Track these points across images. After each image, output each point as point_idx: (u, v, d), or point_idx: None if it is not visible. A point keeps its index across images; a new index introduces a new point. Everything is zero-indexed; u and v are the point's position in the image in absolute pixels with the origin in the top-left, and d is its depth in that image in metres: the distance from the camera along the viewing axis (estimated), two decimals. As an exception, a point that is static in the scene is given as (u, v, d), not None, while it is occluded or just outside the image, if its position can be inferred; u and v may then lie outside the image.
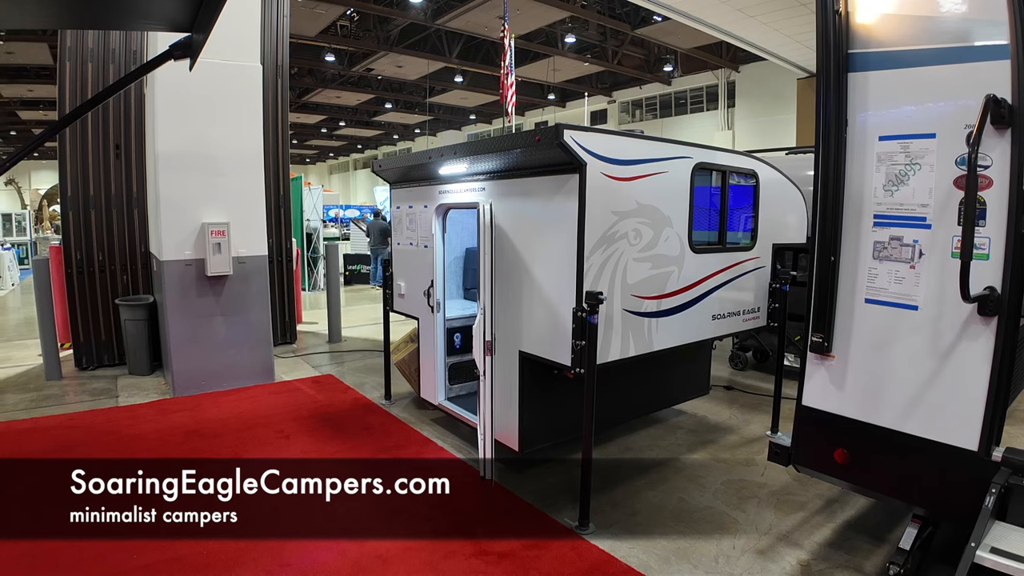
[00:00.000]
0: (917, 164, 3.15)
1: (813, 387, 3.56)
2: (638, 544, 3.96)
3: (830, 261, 3.39)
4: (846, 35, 3.33)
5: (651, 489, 4.73)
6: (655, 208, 4.35)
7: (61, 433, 5.83)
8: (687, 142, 4.69)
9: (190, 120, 6.73)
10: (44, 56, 21.06)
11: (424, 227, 5.67)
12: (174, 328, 6.89)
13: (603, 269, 4.06)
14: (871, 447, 3.38)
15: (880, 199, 3.28)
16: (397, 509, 4.34)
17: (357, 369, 8.28)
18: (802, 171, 6.32)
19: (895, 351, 3.27)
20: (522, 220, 4.48)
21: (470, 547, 3.86)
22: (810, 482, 4.79)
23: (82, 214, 7.99)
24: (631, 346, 4.35)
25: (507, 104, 15.58)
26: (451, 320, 5.88)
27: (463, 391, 6.04)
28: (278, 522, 4.17)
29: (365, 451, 5.38)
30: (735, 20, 15.05)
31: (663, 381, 5.75)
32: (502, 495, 4.58)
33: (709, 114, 26.44)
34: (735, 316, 5.25)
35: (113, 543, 3.91)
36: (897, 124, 3.23)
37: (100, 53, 7.88)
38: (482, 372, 4.28)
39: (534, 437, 4.77)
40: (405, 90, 30.16)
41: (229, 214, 6.98)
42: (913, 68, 3.17)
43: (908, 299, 3.20)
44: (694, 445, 5.60)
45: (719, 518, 4.32)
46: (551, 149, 3.89)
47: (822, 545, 4.01)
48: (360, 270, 18.00)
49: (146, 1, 3.72)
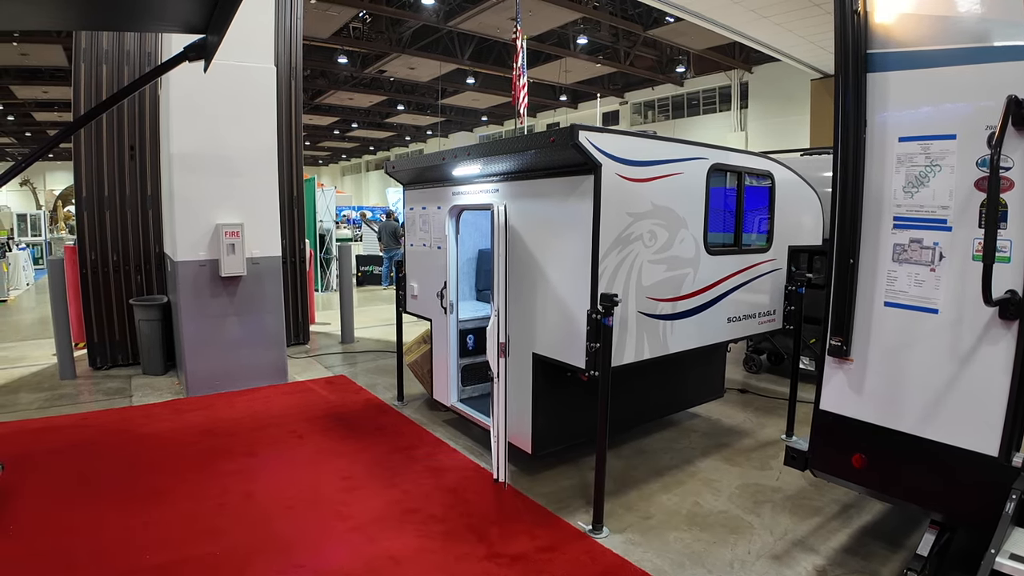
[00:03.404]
0: (937, 165, 3.12)
1: (831, 391, 3.52)
2: (652, 548, 3.93)
3: (849, 264, 3.36)
4: (865, 35, 3.30)
5: (665, 492, 4.70)
6: (670, 209, 4.32)
7: (75, 432, 5.87)
8: (702, 143, 4.66)
9: (204, 121, 6.77)
10: (59, 58, 21.24)
11: (438, 228, 5.66)
12: (188, 328, 6.91)
13: (618, 271, 4.04)
14: (889, 452, 3.34)
15: (900, 201, 3.24)
16: (409, 510, 4.33)
17: (369, 370, 8.29)
18: (817, 172, 6.30)
19: (914, 355, 3.23)
20: (536, 221, 4.47)
21: (483, 549, 3.84)
22: (826, 487, 4.75)
23: (97, 214, 8.05)
24: (645, 349, 4.32)
25: (519, 105, 15.55)
26: (464, 321, 5.87)
27: (475, 392, 6.02)
28: (291, 521, 4.17)
29: (378, 452, 5.37)
30: (749, 21, 14.96)
31: (678, 384, 5.72)
32: (515, 497, 4.56)
33: (722, 115, 26.33)
34: (751, 319, 5.21)
35: (123, 542, 3.93)
36: (917, 125, 3.19)
37: (115, 55, 7.94)
38: (496, 374, 4.26)
39: (547, 439, 4.75)
40: (417, 92, 30.22)
41: (243, 215, 7.01)
42: (933, 68, 3.14)
43: (928, 302, 3.17)
44: (708, 448, 5.56)
45: (734, 522, 4.28)
46: (566, 150, 3.88)
47: (838, 551, 3.96)
48: (373, 271, 18.03)
49: (161, 3, 3.74)
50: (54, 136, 4.65)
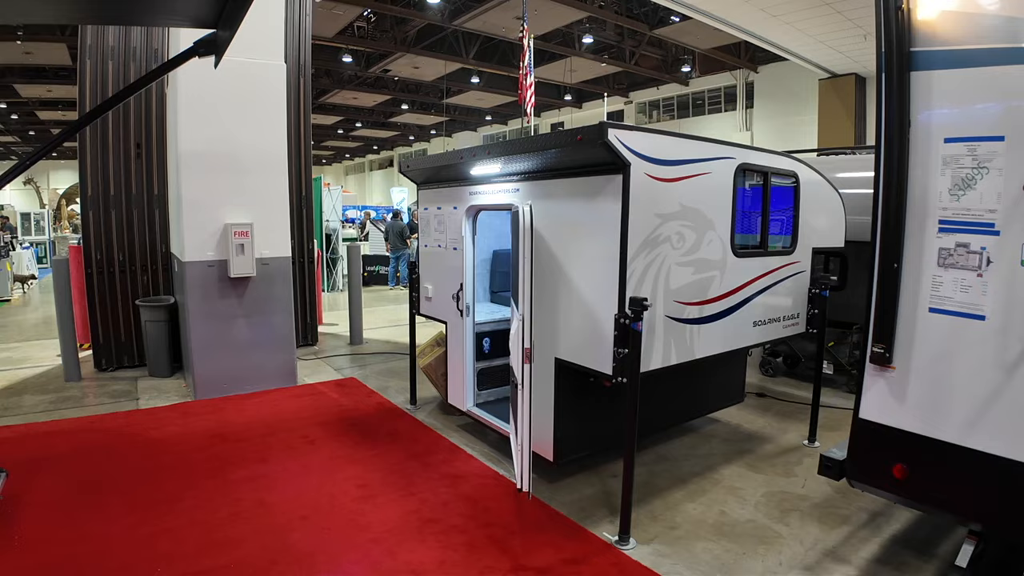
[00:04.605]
0: (985, 167, 2.99)
1: (871, 399, 3.39)
2: (681, 560, 3.81)
3: (893, 268, 3.23)
4: (908, 32, 3.17)
5: (690, 501, 4.58)
6: (698, 210, 4.19)
7: (82, 436, 5.75)
8: (730, 142, 4.53)
9: (214, 119, 6.65)
10: (62, 56, 21.15)
11: (453, 229, 5.54)
12: (196, 330, 6.79)
13: (646, 274, 3.91)
14: (932, 462, 3.22)
15: (945, 204, 3.11)
16: (429, 519, 4.21)
17: (380, 372, 8.17)
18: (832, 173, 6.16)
19: (960, 363, 3.11)
20: (559, 222, 4.34)
21: (507, 562, 3.71)
22: (852, 494, 4.64)
23: (102, 214, 7.94)
24: (672, 354, 4.19)
25: (526, 104, 15.45)
26: (480, 324, 5.75)
27: (491, 397, 5.90)
28: (307, 532, 4.05)
29: (393, 458, 5.25)
30: (759, 20, 14.84)
31: (699, 389, 5.60)
32: (536, 506, 4.43)
33: (727, 115, 26.20)
34: (775, 322, 5.08)
35: (134, 553, 3.81)
36: (963, 126, 3.07)
37: (121, 51, 7.83)
38: (520, 381, 4.12)
39: (569, 447, 4.63)
40: (421, 91, 30.11)
41: (253, 215, 6.89)
42: (980, 68, 3.01)
43: (974, 308, 3.04)
44: (730, 455, 5.43)
45: (762, 532, 4.16)
46: (593, 149, 3.75)
47: (870, 561, 3.85)
48: (379, 271, 17.91)
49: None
50: (60, 134, 4.54)
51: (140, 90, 7.43)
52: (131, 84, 5.13)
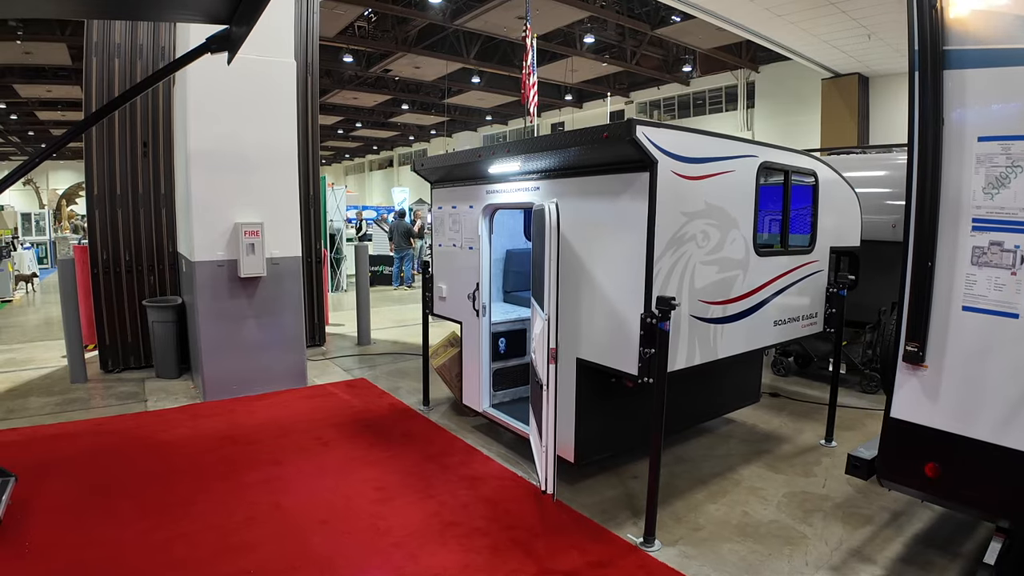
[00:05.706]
0: (1019, 166, 2.96)
1: (903, 398, 3.35)
2: (707, 561, 3.77)
3: (927, 267, 3.19)
4: (942, 31, 3.14)
5: (712, 502, 4.54)
6: (722, 209, 4.14)
7: (90, 439, 5.67)
8: (753, 140, 4.50)
9: (223, 117, 6.59)
10: (63, 56, 21.02)
11: (469, 228, 5.49)
12: (206, 331, 6.73)
13: (672, 273, 3.86)
14: (965, 461, 3.18)
15: (979, 202, 3.08)
16: (450, 522, 4.16)
17: (390, 373, 8.11)
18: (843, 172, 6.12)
19: (994, 361, 3.08)
20: (582, 221, 4.28)
21: (532, 566, 3.66)
22: (873, 494, 4.62)
23: (108, 213, 7.87)
24: (696, 354, 4.15)
25: (529, 103, 15.39)
26: (495, 324, 5.70)
27: (507, 398, 5.85)
28: (326, 536, 4.00)
29: (409, 459, 5.20)
30: (763, 20, 14.79)
31: (717, 389, 5.56)
32: (558, 508, 4.38)
33: (728, 115, 26.16)
34: (795, 322, 5.04)
35: (147, 559, 3.75)
36: (997, 124, 3.04)
37: (127, 48, 7.76)
38: (545, 382, 4.06)
39: (591, 448, 4.59)
40: (422, 91, 30.02)
41: (263, 214, 6.83)
42: (1013, 67, 2.98)
43: (1009, 307, 3.01)
44: (748, 455, 5.39)
45: (786, 532, 4.13)
46: (619, 146, 3.71)
47: (895, 560, 3.83)
48: (383, 271, 17.83)
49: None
50: (66, 133, 4.47)
51: (150, 88, 7.37)
52: (140, 82, 5.08)
